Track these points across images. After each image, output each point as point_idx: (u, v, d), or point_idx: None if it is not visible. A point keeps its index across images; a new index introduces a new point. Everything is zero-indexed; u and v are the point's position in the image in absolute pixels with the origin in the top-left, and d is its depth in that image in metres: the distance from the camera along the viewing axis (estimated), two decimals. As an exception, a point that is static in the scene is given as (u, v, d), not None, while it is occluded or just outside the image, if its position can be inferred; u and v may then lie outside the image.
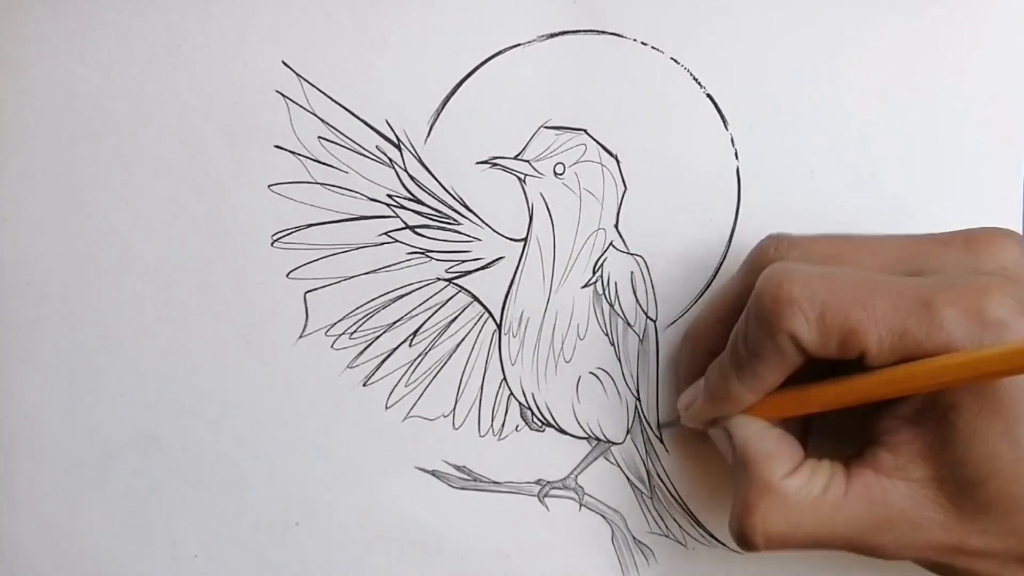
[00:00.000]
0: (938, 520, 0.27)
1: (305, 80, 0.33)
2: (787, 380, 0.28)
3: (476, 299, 0.35)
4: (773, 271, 0.27)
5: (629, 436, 0.35)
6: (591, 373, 0.35)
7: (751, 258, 0.30)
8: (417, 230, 0.34)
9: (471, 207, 0.34)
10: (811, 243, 0.29)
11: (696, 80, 0.33)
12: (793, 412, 0.29)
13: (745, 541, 0.28)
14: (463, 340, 0.35)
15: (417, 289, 0.34)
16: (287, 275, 0.34)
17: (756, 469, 0.28)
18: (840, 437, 0.29)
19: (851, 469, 0.28)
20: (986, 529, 0.26)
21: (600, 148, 0.33)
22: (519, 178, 0.34)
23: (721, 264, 0.34)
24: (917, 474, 0.27)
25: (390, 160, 0.34)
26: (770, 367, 0.27)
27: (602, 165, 0.34)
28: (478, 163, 0.34)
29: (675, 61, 0.33)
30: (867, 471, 0.27)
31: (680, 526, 0.35)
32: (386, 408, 0.35)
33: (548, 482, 0.35)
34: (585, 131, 0.33)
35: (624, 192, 0.34)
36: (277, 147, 0.34)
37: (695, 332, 0.33)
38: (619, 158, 0.33)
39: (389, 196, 0.34)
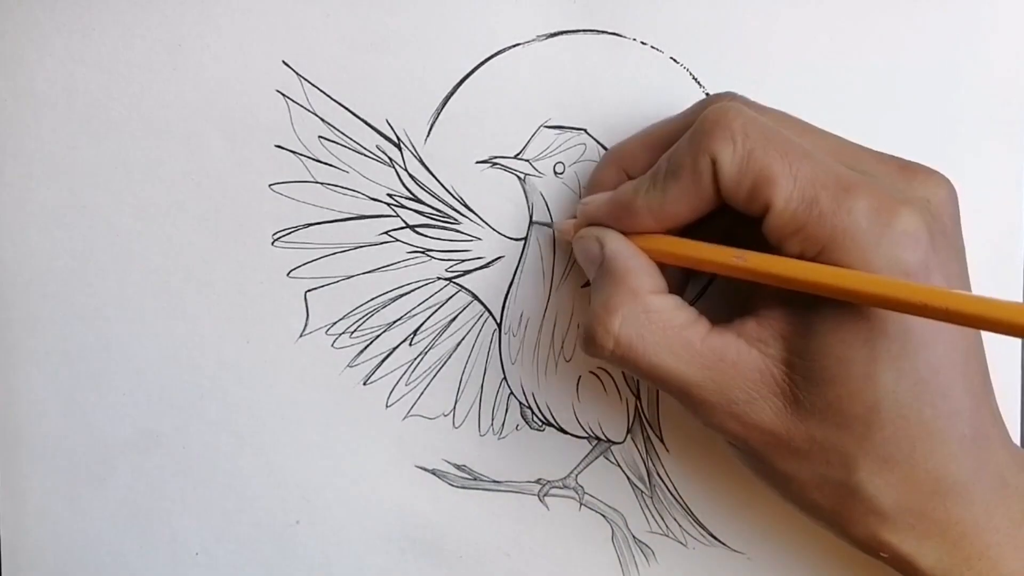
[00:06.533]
0: (774, 404, 0.27)
1: (305, 80, 0.33)
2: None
3: (476, 298, 0.35)
4: (723, 104, 0.27)
5: (629, 435, 0.35)
6: (591, 372, 0.35)
7: (702, 102, 0.30)
8: (417, 229, 0.34)
9: (471, 206, 0.34)
10: (764, 108, 0.29)
11: (695, 79, 0.33)
12: (672, 259, 0.28)
13: (595, 342, 0.28)
14: (463, 339, 0.35)
15: (417, 288, 0.34)
16: (287, 274, 0.34)
17: (625, 277, 0.28)
18: (715, 304, 0.29)
19: (715, 326, 0.28)
20: (814, 435, 0.26)
21: (600, 147, 0.33)
22: (519, 177, 0.34)
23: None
24: (772, 350, 0.27)
25: (390, 159, 0.34)
26: (682, 189, 0.27)
27: (602, 164, 0.33)
28: (478, 162, 0.34)
29: (674, 61, 0.33)
30: (730, 332, 0.27)
31: (680, 526, 0.35)
32: (386, 407, 0.35)
33: (548, 481, 0.35)
34: (585, 130, 0.33)
35: (624, 191, 0.34)
36: (277, 146, 0.34)
37: (620, 150, 0.32)
38: (619, 157, 0.33)
39: (389, 195, 0.34)
